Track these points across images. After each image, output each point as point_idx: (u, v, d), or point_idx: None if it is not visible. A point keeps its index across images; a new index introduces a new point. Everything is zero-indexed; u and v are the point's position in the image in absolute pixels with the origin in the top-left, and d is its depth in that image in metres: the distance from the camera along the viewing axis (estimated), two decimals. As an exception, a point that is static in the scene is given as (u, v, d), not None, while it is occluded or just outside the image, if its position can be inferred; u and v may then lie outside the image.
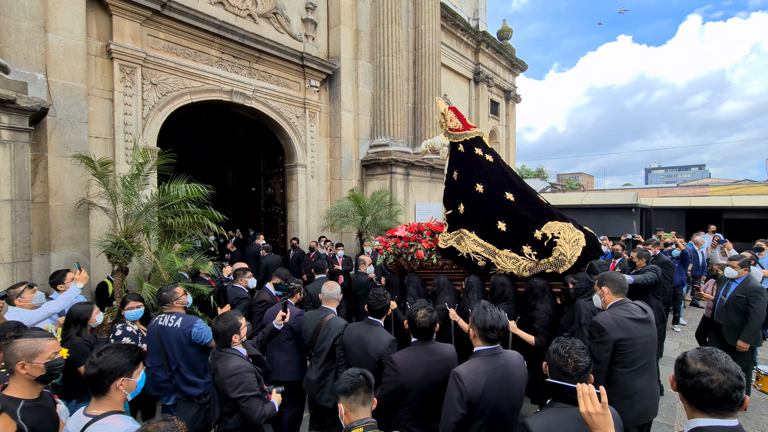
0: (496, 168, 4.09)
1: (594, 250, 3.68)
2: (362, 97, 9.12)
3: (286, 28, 7.95)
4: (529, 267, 3.55)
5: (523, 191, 3.96)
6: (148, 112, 5.96)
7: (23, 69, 4.55)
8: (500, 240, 3.72)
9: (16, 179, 3.96)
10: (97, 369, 1.64)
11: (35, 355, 1.76)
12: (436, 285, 3.92)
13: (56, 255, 4.82)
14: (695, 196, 20.43)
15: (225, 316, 2.52)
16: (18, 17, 4.53)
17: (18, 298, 3.02)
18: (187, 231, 4.82)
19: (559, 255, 3.43)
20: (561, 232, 3.52)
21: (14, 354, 1.72)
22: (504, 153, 16.60)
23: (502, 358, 2.12)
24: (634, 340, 2.52)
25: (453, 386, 2.00)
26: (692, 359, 1.44)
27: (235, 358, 2.42)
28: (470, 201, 3.99)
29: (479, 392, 1.96)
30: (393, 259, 4.37)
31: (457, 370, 2.05)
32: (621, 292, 2.76)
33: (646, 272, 4.70)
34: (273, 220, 9.40)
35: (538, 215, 3.76)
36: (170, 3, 5.97)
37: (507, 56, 15.74)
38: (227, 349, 2.46)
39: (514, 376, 2.09)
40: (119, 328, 3.21)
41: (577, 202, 9.67)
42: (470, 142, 4.20)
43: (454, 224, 4.09)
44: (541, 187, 39.09)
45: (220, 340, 2.47)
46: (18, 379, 1.75)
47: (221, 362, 2.40)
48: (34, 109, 4.01)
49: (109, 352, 1.71)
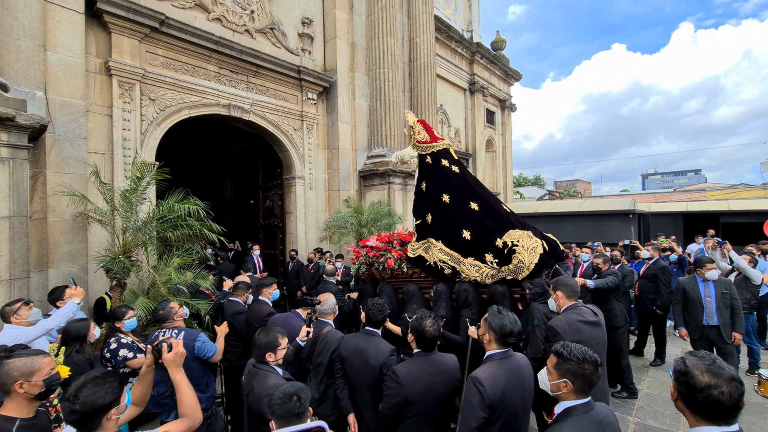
0: (462, 178, 4.23)
1: (554, 256, 3.85)
2: (359, 109, 9.20)
3: (283, 43, 8.06)
4: (491, 274, 3.68)
5: (487, 201, 4.10)
6: (146, 128, 6.00)
7: (23, 87, 4.59)
8: (465, 248, 3.84)
9: (14, 196, 3.96)
10: (78, 414, 1.48)
11: (33, 374, 1.75)
12: (405, 293, 4.01)
13: (54, 271, 4.80)
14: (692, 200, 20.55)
15: (267, 330, 2.41)
16: (18, 36, 4.59)
17: (14, 315, 2.99)
18: (186, 245, 4.81)
19: (518, 262, 3.56)
20: (520, 240, 3.66)
21: (10, 374, 1.71)
22: (501, 161, 16.72)
23: (514, 360, 2.17)
24: (586, 342, 2.59)
25: (473, 391, 2.01)
26: (698, 371, 1.39)
27: (272, 376, 2.29)
28: (437, 211, 4.14)
29: (499, 395, 1.99)
30: (366, 269, 4.48)
31: (476, 374, 2.06)
32: (574, 296, 2.89)
33: (607, 276, 4.78)
34: (272, 232, 9.39)
35: (500, 224, 3.90)
36: (169, 20, 6.06)
37: (501, 66, 15.96)
38: (264, 366, 2.32)
39: (526, 376, 2.17)
40: (113, 341, 3.16)
41: (575, 208, 9.71)
42: (437, 154, 4.35)
43: (422, 234, 4.24)
44: (538, 194, 39.24)
45: (256, 353, 2.34)
46: (15, 399, 1.73)
47: (258, 380, 2.25)
48: (33, 126, 4.03)
49: (88, 390, 1.51)
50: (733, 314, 4.39)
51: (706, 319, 4.47)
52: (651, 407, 4.41)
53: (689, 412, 1.42)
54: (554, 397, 1.76)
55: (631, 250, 8.11)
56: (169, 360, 1.97)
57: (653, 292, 5.72)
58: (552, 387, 1.74)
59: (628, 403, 4.52)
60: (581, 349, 1.70)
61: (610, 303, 4.80)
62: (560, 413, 1.69)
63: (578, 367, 1.66)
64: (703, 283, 4.56)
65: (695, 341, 4.56)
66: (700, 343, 4.49)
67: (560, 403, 1.72)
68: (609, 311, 4.82)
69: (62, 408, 1.53)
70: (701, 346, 4.43)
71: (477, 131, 14.77)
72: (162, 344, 1.99)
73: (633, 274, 6.10)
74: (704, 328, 4.47)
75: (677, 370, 1.46)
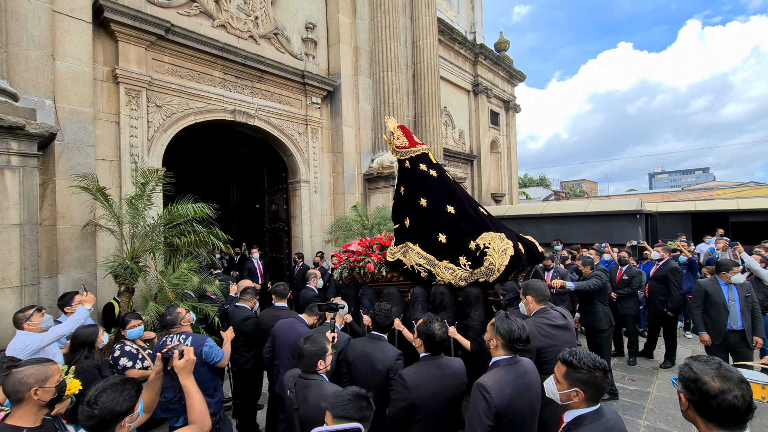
0: (440, 182, 4.26)
1: (530, 258, 3.88)
2: (363, 112, 9.23)
3: (287, 48, 8.11)
4: (464, 276, 3.70)
5: (463, 204, 4.11)
6: (153, 134, 6.06)
7: (32, 96, 4.66)
8: (440, 251, 3.88)
9: (24, 204, 4.02)
10: (96, 419, 1.51)
11: (46, 380, 1.78)
12: (385, 296, 4.06)
13: (64, 277, 4.85)
14: (700, 200, 20.32)
15: (314, 338, 2.31)
16: (27, 47, 4.67)
17: (27, 321, 3.03)
18: (193, 250, 4.85)
19: (489, 264, 3.55)
20: (491, 243, 3.65)
21: (25, 382, 1.73)
22: (505, 162, 16.67)
23: (521, 366, 2.13)
24: (556, 346, 2.61)
25: (479, 398, 1.97)
26: (708, 376, 1.34)
27: (326, 384, 2.22)
28: (415, 215, 4.18)
29: (506, 402, 1.95)
30: (347, 273, 4.55)
31: (482, 381, 2.01)
32: (543, 300, 2.89)
33: (590, 279, 4.73)
34: (277, 236, 9.43)
35: (474, 227, 3.90)
36: (174, 28, 6.13)
37: (505, 67, 15.94)
38: (314, 376, 2.24)
39: (533, 382, 2.14)
40: (117, 349, 3.18)
41: (581, 209, 9.64)
42: (416, 159, 4.39)
43: (400, 238, 4.29)
44: (544, 195, 39.04)
45: (305, 363, 2.23)
46: (26, 407, 1.75)
47: (312, 390, 2.15)
48: (42, 134, 4.10)
49: (107, 396, 1.55)
50: (753, 318, 4.25)
51: (730, 323, 4.29)
52: (662, 410, 4.36)
53: (701, 420, 1.37)
54: (563, 406, 1.73)
55: (639, 251, 8.04)
56: (180, 367, 1.97)
57: (664, 294, 5.65)
58: (562, 396, 1.70)
59: (639, 406, 4.47)
60: (590, 357, 1.67)
61: (594, 306, 4.77)
62: (570, 422, 1.66)
63: (589, 376, 1.63)
64: (726, 286, 4.40)
65: (715, 346, 4.37)
66: (720, 349, 4.32)
67: (569, 412, 1.69)
68: (593, 314, 4.81)
69: (80, 412, 1.55)
70: (719, 352, 4.28)
71: (481, 132, 14.75)
72: (173, 351, 1.99)
73: (642, 275, 6.04)
74: (727, 333, 4.29)
75: (686, 378, 1.40)
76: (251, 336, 3.89)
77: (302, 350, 2.25)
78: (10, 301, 3.87)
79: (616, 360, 5.89)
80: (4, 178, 3.90)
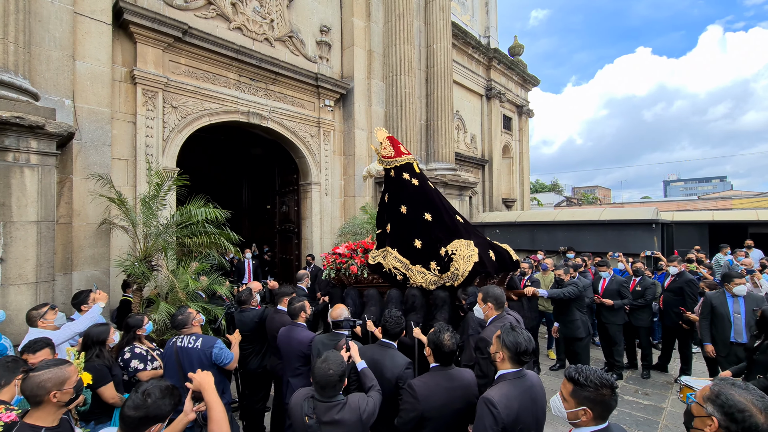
0: (421, 191, 4.48)
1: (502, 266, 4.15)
2: (375, 116, 9.23)
3: (301, 51, 8.16)
4: (433, 280, 3.92)
5: (440, 212, 4.33)
6: (168, 134, 6.14)
7: (52, 95, 4.76)
8: (414, 256, 4.12)
9: (42, 201, 4.09)
10: (143, 413, 1.60)
11: (64, 382, 1.83)
12: (366, 297, 4.31)
13: (78, 274, 4.93)
14: (718, 209, 19.85)
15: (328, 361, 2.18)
16: (49, 47, 4.77)
17: (41, 319, 3.07)
18: (204, 251, 4.89)
19: (454, 270, 3.79)
20: (458, 250, 3.88)
21: (44, 386, 1.77)
22: (517, 167, 16.52)
23: (528, 380, 2.10)
24: None
25: (485, 413, 1.93)
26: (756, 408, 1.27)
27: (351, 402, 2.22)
28: (395, 221, 4.44)
29: (513, 417, 1.92)
30: (334, 274, 4.85)
31: (488, 395, 1.98)
32: (500, 306, 3.05)
33: (567, 287, 4.79)
34: (288, 237, 9.47)
35: (447, 234, 4.14)
36: (191, 30, 6.21)
37: (519, 72, 15.81)
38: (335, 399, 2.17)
39: (539, 396, 2.12)
40: (127, 351, 3.20)
41: (594, 217, 9.45)
42: (400, 168, 4.60)
43: (381, 242, 4.54)
44: (556, 201, 38.57)
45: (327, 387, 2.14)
46: (45, 408, 1.80)
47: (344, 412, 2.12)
48: (61, 134, 4.17)
49: (156, 397, 1.65)
50: None
51: (734, 335, 4.27)
52: (676, 426, 4.24)
53: None
54: (571, 424, 1.69)
55: (653, 262, 7.85)
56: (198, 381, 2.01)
57: (679, 306, 5.50)
58: (569, 415, 1.65)
59: (652, 422, 4.36)
60: (596, 374, 1.62)
61: (572, 314, 4.82)
62: None
63: (596, 394, 1.59)
64: (732, 298, 4.37)
65: (723, 358, 4.35)
66: (729, 360, 4.26)
67: (577, 430, 1.65)
68: (571, 322, 4.84)
69: (131, 399, 1.62)
70: (732, 364, 4.22)
71: (493, 137, 14.64)
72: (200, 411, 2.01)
73: (656, 286, 5.90)
74: (732, 346, 4.27)
75: (730, 406, 1.32)
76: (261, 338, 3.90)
77: (324, 375, 2.10)
78: (25, 297, 3.93)
79: (630, 373, 5.76)
80: (23, 176, 3.97)
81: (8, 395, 2.11)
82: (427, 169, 9.81)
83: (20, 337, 3.60)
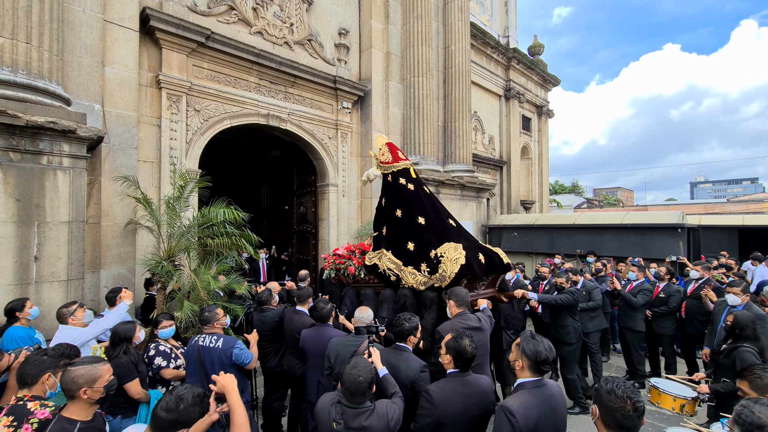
0: (415, 195, 4.65)
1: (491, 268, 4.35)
2: (393, 117, 9.25)
3: (319, 54, 8.25)
4: (423, 281, 4.12)
5: (432, 216, 4.52)
6: (191, 137, 6.31)
7: (83, 100, 4.95)
8: (407, 258, 4.33)
9: (73, 202, 4.27)
10: (174, 416, 1.65)
11: (95, 380, 1.91)
12: (362, 296, 4.56)
13: (105, 273, 5.11)
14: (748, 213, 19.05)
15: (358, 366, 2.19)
16: (80, 54, 4.97)
17: (71, 316, 3.21)
18: (225, 251, 5.01)
19: (442, 271, 3.96)
20: (446, 252, 4.05)
21: (76, 381, 1.86)
22: (536, 169, 16.27)
23: (548, 389, 2.08)
24: None
25: (504, 421, 1.94)
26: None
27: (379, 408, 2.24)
28: (391, 224, 4.68)
29: (531, 426, 1.92)
30: (334, 274, 5.11)
31: (507, 404, 1.98)
32: (463, 305, 3.37)
33: (563, 294, 4.93)
34: (305, 238, 9.58)
35: (438, 237, 4.32)
36: (214, 35, 6.36)
37: (538, 72, 15.57)
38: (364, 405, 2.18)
39: (559, 406, 2.10)
40: (152, 348, 3.32)
41: (617, 221, 9.20)
42: (396, 173, 4.77)
43: (377, 244, 4.79)
44: (576, 202, 37.77)
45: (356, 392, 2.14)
46: (78, 403, 1.89)
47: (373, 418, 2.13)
48: (91, 137, 4.34)
49: (188, 404, 1.70)
50: None
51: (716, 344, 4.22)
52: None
53: None
54: None
55: (679, 267, 7.60)
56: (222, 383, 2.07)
57: (704, 314, 5.31)
58: None
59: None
60: None
61: (564, 319, 4.94)
62: None
63: None
64: (729, 306, 4.30)
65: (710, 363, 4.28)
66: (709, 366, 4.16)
67: None
68: (562, 327, 4.95)
69: (165, 401, 1.67)
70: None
71: (512, 138, 14.46)
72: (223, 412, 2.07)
73: (680, 293, 5.72)
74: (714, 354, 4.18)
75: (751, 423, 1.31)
76: None
77: (353, 380, 2.10)
78: (57, 294, 4.11)
79: (652, 382, 5.60)
80: (56, 179, 4.15)
81: (40, 390, 2.20)
82: (444, 171, 9.77)
83: (52, 332, 3.77)
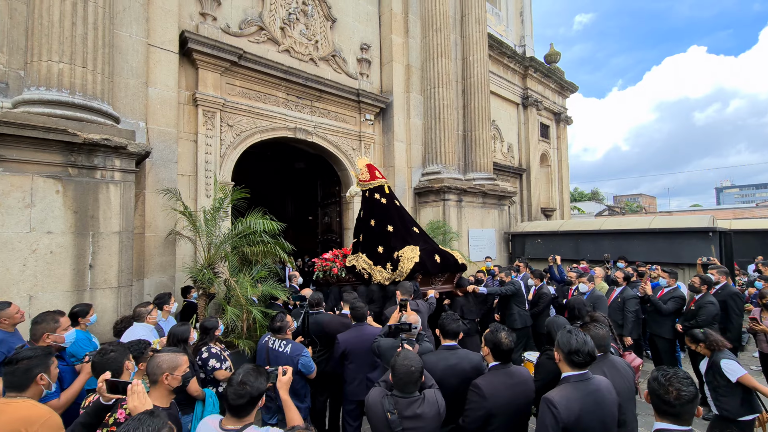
0: (386, 208, 5.54)
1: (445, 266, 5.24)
2: (414, 128, 9.44)
3: (343, 68, 8.54)
4: (387, 277, 4.99)
5: (398, 225, 5.40)
6: (224, 151, 6.61)
7: (129, 119, 5.29)
8: (377, 259, 5.21)
9: (123, 214, 4.55)
10: (248, 397, 1.79)
11: (176, 368, 2.04)
12: (359, 292, 5.00)
13: (148, 280, 5.37)
14: (780, 217, 18.40)
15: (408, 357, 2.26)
16: (127, 76, 5.33)
17: (149, 315, 3.58)
18: (261, 259, 5.21)
19: (401, 268, 4.85)
20: (404, 253, 4.96)
21: (160, 366, 2.00)
22: (556, 176, 16.16)
23: (593, 383, 2.13)
24: None
25: (546, 412, 2.02)
26: None
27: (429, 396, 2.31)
28: (366, 232, 5.55)
29: (573, 418, 1.98)
30: (322, 275, 5.89)
31: (549, 396, 2.06)
32: (407, 293, 4.07)
33: (506, 286, 5.82)
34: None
35: (401, 242, 5.19)
36: (246, 54, 6.70)
37: (556, 79, 15.60)
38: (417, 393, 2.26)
39: (607, 401, 2.13)
40: (205, 351, 3.47)
41: (644, 226, 9.06)
42: (373, 190, 5.63)
43: (356, 249, 5.63)
44: (596, 210, 37.07)
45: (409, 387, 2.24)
46: (158, 389, 2.02)
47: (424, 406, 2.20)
48: (140, 153, 4.64)
49: (252, 381, 1.82)
50: None
51: None
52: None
53: None
54: None
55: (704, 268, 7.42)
56: (283, 382, 2.27)
57: (722, 321, 5.10)
58: None
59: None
60: None
61: (511, 308, 5.78)
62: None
63: None
64: None
65: None
66: None
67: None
68: (509, 315, 5.77)
69: (232, 392, 1.80)
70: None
71: (531, 146, 14.46)
72: (278, 369, 2.29)
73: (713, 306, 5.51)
74: None
75: None
76: None
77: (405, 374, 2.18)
78: (109, 300, 4.36)
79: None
80: (108, 192, 4.44)
81: None
82: (465, 179, 9.86)
83: (104, 336, 4.02)
